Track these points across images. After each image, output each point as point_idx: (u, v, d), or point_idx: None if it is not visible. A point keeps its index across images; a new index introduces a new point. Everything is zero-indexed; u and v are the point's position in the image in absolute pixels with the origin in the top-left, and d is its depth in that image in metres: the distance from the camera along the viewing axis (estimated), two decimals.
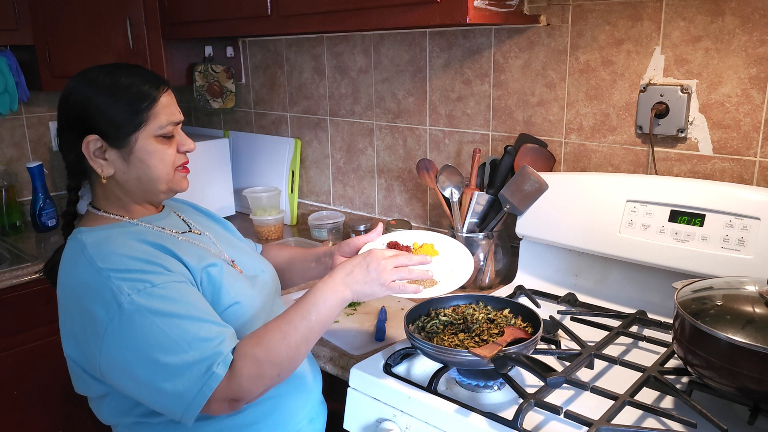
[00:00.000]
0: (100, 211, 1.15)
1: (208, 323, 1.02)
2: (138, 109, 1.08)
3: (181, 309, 1.01)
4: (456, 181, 1.72)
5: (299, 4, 1.78)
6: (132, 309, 0.98)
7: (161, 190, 1.15)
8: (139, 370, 0.98)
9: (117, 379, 1.02)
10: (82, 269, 1.04)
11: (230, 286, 1.13)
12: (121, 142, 1.09)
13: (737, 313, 1.03)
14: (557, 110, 1.68)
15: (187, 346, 0.98)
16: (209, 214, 1.39)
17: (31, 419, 2.09)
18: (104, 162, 1.11)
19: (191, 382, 0.97)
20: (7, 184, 2.43)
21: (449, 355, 1.13)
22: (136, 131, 1.09)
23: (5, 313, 2.00)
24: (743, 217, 1.30)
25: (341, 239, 2.20)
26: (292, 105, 2.42)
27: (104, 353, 1.00)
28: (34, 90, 2.46)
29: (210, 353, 0.99)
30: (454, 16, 1.44)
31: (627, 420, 1.06)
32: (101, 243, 1.06)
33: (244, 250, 1.31)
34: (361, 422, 1.23)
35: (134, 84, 1.09)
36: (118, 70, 1.11)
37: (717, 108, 1.44)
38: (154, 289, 1.00)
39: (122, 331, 0.98)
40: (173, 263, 1.07)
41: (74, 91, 1.10)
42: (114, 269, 1.01)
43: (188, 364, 0.97)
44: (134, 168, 1.11)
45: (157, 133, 1.11)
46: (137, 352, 0.98)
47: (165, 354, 0.97)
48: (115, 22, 2.24)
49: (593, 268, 1.57)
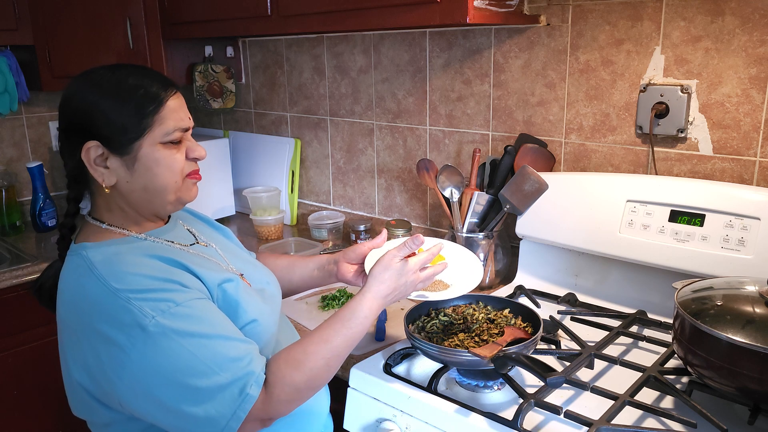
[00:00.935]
0: (104, 224, 1.06)
1: (236, 341, 0.97)
2: (143, 113, 1.00)
3: (208, 328, 0.95)
4: (456, 181, 1.72)
5: (299, 4, 1.78)
6: (158, 332, 0.91)
7: (169, 200, 1.06)
8: (167, 396, 0.92)
9: (141, 407, 0.95)
10: (92, 290, 0.96)
11: (246, 303, 1.06)
12: (125, 149, 1.00)
13: (737, 313, 1.03)
14: (557, 110, 1.68)
15: (218, 368, 0.93)
16: (208, 221, 1.32)
17: (31, 419, 2.09)
18: (105, 171, 1.02)
19: (224, 406, 0.92)
20: (7, 184, 2.43)
21: (449, 355, 1.13)
22: (141, 137, 1.00)
23: (5, 313, 2.00)
24: (743, 217, 1.30)
25: (341, 239, 2.20)
26: (292, 105, 2.42)
27: (126, 381, 0.93)
28: (34, 90, 2.46)
29: (242, 374, 0.94)
30: (454, 16, 1.44)
31: (627, 420, 1.06)
32: (112, 261, 0.98)
33: (249, 261, 1.25)
34: (361, 422, 1.23)
35: (140, 85, 1.01)
36: (123, 71, 1.03)
37: (717, 108, 1.44)
38: (178, 308, 0.94)
39: (147, 356, 0.91)
40: (190, 279, 1.00)
41: (76, 94, 1.01)
42: (132, 290, 0.94)
43: (220, 387, 0.92)
44: (139, 177, 1.02)
45: (163, 140, 1.02)
46: (165, 378, 0.92)
47: (195, 377, 0.92)
48: (115, 22, 2.24)
49: (593, 268, 1.57)
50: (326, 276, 1.33)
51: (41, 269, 2.04)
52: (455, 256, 1.30)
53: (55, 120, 2.65)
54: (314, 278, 1.35)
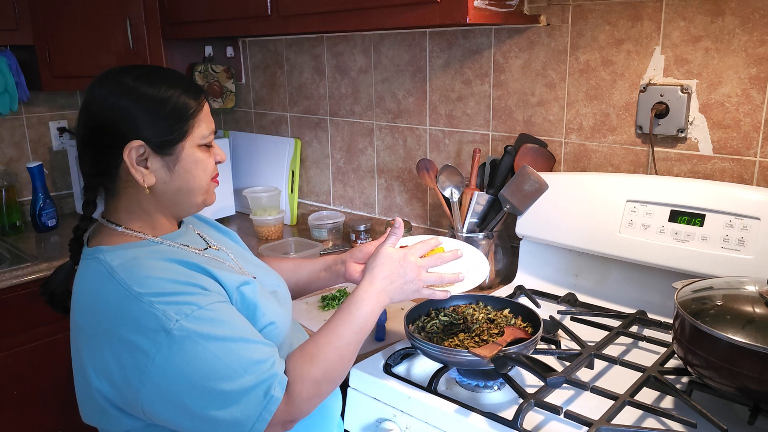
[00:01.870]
0: (120, 226, 1.06)
1: (259, 344, 0.98)
2: (184, 117, 1.03)
3: (231, 331, 0.96)
4: (456, 181, 1.72)
5: (299, 4, 1.78)
6: (182, 336, 0.91)
7: (197, 202, 1.09)
8: (191, 400, 0.92)
9: (164, 413, 0.94)
10: (113, 296, 0.95)
11: (264, 306, 1.07)
12: (168, 149, 1.03)
13: (737, 313, 1.03)
14: (557, 110, 1.68)
15: (243, 371, 0.93)
16: (215, 225, 1.33)
17: (31, 419, 2.09)
18: (146, 171, 1.02)
19: (250, 409, 0.93)
20: (7, 184, 2.43)
21: (449, 355, 1.13)
22: (183, 140, 1.03)
23: (5, 313, 2.00)
24: (743, 217, 1.30)
25: (341, 239, 2.20)
26: (292, 105, 2.42)
27: (150, 387, 0.92)
28: (34, 90, 2.46)
29: (266, 376, 0.95)
30: (454, 16, 1.44)
31: (627, 420, 1.06)
32: (132, 266, 0.98)
33: (259, 264, 1.26)
34: (361, 422, 1.24)
35: (176, 92, 1.03)
36: (156, 77, 1.04)
37: (717, 108, 1.44)
38: (201, 311, 0.94)
39: (172, 361, 0.91)
40: (210, 282, 1.01)
41: (109, 98, 1.01)
42: (155, 293, 0.93)
43: (246, 390, 0.93)
44: (177, 178, 1.05)
45: (200, 143, 1.06)
46: (190, 382, 0.91)
47: (221, 381, 0.92)
48: (115, 22, 2.24)
49: (593, 268, 1.57)
50: (334, 276, 1.33)
51: (41, 269, 2.05)
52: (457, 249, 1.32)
53: (55, 120, 2.66)
54: (321, 279, 1.35)
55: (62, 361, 2.09)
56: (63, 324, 1.07)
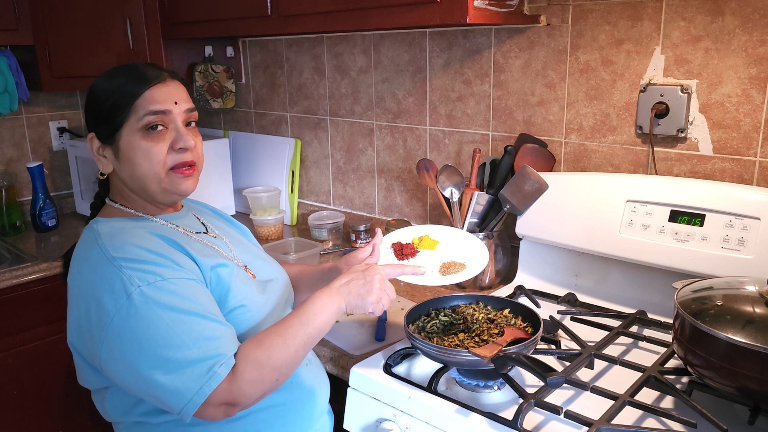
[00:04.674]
0: (117, 204, 1.15)
1: (214, 322, 1.02)
2: (121, 104, 1.07)
3: (189, 305, 1.00)
4: (456, 181, 1.72)
5: (299, 4, 1.78)
6: (140, 301, 0.97)
7: (155, 190, 1.11)
8: (139, 362, 0.97)
9: (115, 371, 1.00)
10: (93, 258, 1.03)
11: (238, 289, 1.11)
12: (110, 139, 1.10)
13: (737, 313, 1.03)
14: (557, 110, 1.68)
15: (192, 344, 0.97)
16: (229, 219, 1.38)
17: (31, 419, 2.09)
18: (104, 159, 1.12)
19: (191, 380, 0.96)
20: (7, 184, 2.43)
21: (449, 355, 1.13)
22: (120, 128, 1.08)
23: (5, 313, 2.00)
24: (743, 217, 1.30)
25: (341, 239, 2.20)
26: (292, 105, 2.42)
27: (106, 343, 0.99)
28: (34, 90, 2.46)
29: (213, 353, 0.98)
30: (454, 16, 1.44)
31: (627, 420, 1.06)
32: (115, 234, 1.06)
33: (260, 255, 1.30)
34: (361, 422, 1.24)
35: (124, 81, 1.09)
36: (120, 69, 1.12)
37: (717, 108, 1.44)
38: (164, 283, 1.00)
39: (128, 323, 0.97)
40: (184, 259, 1.06)
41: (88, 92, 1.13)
42: (126, 258, 1.01)
43: (190, 362, 0.97)
44: (124, 166, 1.10)
45: (138, 127, 1.07)
46: (140, 345, 0.97)
47: (168, 349, 0.96)
48: (115, 22, 2.24)
49: (593, 268, 1.57)
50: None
51: (41, 269, 2.05)
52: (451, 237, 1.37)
53: (55, 120, 2.67)
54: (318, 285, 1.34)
55: (62, 361, 2.09)
56: (63, 324, 1.09)
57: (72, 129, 2.69)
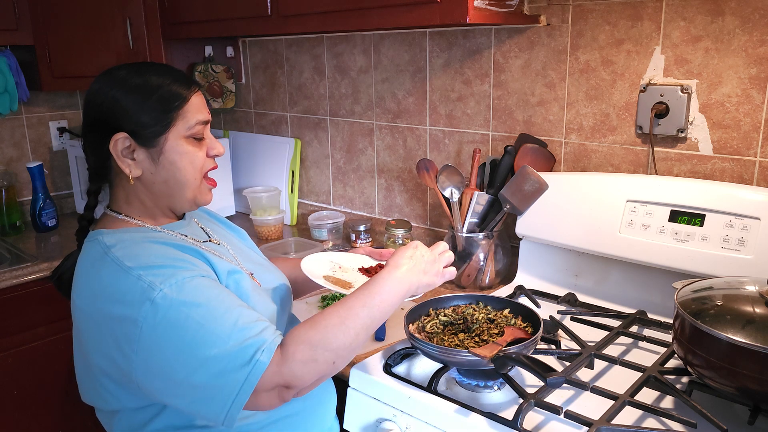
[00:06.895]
0: (121, 214, 1.10)
1: (244, 311, 0.98)
2: (168, 108, 1.05)
3: (215, 299, 0.97)
4: (456, 181, 1.72)
5: (299, 4, 1.78)
6: (165, 304, 0.94)
7: (187, 197, 1.10)
8: (176, 367, 0.93)
9: (154, 383, 0.96)
10: (106, 272, 0.99)
11: (254, 298, 1.09)
12: (151, 141, 1.05)
13: (737, 313, 1.03)
14: (557, 110, 1.68)
15: (227, 337, 0.93)
16: (224, 222, 1.35)
17: (31, 419, 2.09)
18: (132, 162, 1.06)
19: (234, 374, 0.92)
20: (7, 184, 2.43)
21: (449, 355, 1.13)
22: (167, 131, 1.05)
23: (5, 313, 1.99)
24: (743, 217, 1.30)
25: (341, 239, 2.20)
26: (292, 105, 2.42)
27: (141, 357, 0.94)
28: (34, 90, 2.46)
29: (251, 342, 0.94)
30: (454, 16, 1.44)
31: (627, 420, 1.06)
32: (126, 245, 1.02)
33: (261, 262, 1.27)
34: (361, 422, 1.23)
35: (164, 83, 1.06)
36: (147, 70, 1.07)
37: (717, 108, 1.43)
38: (185, 281, 0.96)
39: (157, 329, 0.93)
40: (201, 263, 1.04)
41: (101, 91, 1.06)
42: (143, 266, 0.97)
43: (229, 355, 0.92)
44: (163, 170, 1.07)
45: (186, 134, 1.07)
46: (174, 349, 0.93)
47: (203, 348, 0.92)
48: (115, 22, 2.24)
49: (593, 268, 1.57)
50: None
51: (41, 269, 2.05)
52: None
53: (55, 120, 2.66)
54: None
55: (62, 361, 2.09)
56: (63, 324, 1.09)
57: (72, 129, 2.69)
